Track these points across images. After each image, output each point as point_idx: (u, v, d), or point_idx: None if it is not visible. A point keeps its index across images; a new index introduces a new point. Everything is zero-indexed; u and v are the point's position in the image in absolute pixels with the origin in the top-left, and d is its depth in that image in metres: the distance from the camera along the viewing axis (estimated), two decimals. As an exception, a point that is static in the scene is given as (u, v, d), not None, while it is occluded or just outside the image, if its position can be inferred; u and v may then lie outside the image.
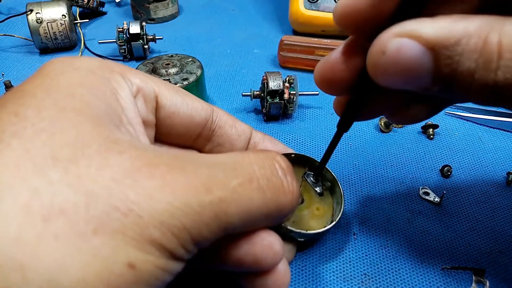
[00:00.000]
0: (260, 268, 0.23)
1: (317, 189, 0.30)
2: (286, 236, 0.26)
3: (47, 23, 0.54)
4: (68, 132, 0.18)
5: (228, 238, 0.22)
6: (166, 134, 0.26)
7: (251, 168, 0.20)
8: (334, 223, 0.28)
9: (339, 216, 0.28)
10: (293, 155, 0.30)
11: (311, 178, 0.30)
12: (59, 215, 0.15)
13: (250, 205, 0.20)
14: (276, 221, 0.22)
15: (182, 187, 0.18)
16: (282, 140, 0.42)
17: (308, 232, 0.27)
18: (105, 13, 0.68)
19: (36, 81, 0.20)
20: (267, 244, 0.22)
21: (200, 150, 0.28)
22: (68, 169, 0.16)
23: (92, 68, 0.21)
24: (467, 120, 0.45)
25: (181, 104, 0.25)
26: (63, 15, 0.55)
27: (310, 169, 0.31)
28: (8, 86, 0.47)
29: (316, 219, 0.29)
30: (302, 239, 0.27)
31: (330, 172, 0.30)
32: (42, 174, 0.16)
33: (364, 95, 0.22)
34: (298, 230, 0.26)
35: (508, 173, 0.38)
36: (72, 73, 0.21)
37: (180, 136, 0.26)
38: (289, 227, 0.26)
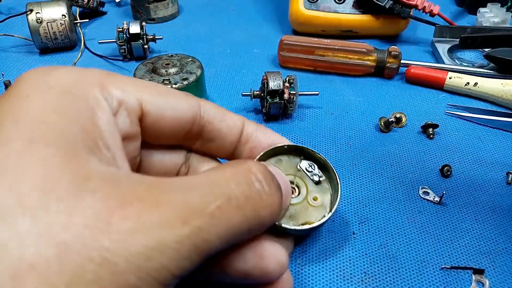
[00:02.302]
0: (267, 280, 0.23)
1: (314, 177, 0.29)
2: (282, 232, 0.26)
3: (47, 23, 0.54)
4: (36, 171, 0.16)
5: (234, 253, 0.22)
6: (153, 137, 0.25)
7: (228, 187, 0.20)
8: (330, 214, 0.27)
9: (336, 205, 0.28)
10: (286, 146, 0.29)
11: (306, 167, 0.29)
12: (29, 271, 0.14)
13: (230, 226, 0.19)
14: (260, 231, 0.22)
15: (157, 226, 0.17)
16: (282, 140, 0.42)
17: (303, 228, 0.26)
18: (105, 13, 0.68)
19: (5, 106, 0.19)
20: (273, 257, 0.23)
21: (190, 148, 0.28)
22: (37, 217, 0.15)
23: (67, 86, 0.20)
24: (467, 120, 0.45)
25: (166, 106, 0.24)
26: (63, 15, 0.55)
27: (304, 157, 0.30)
28: (8, 86, 0.47)
29: (314, 210, 0.28)
30: (299, 234, 0.27)
31: (325, 160, 0.29)
32: (9, 224, 0.15)
33: None
34: (293, 227, 0.26)
35: (508, 173, 0.38)
36: (45, 94, 0.19)
37: (168, 137, 0.25)
38: (283, 225, 0.26)
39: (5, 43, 0.59)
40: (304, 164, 0.29)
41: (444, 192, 0.36)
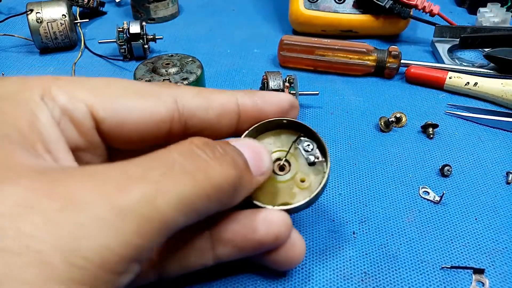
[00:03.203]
0: (280, 242, 0.24)
1: (310, 157, 0.27)
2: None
3: (47, 22, 0.54)
4: None
5: (244, 226, 0.23)
6: (121, 144, 0.23)
7: (170, 156, 0.19)
8: (307, 200, 0.25)
9: (317, 191, 0.26)
10: (285, 121, 0.27)
11: (304, 146, 0.27)
12: None
13: (181, 193, 0.17)
14: (229, 202, 0.21)
15: (89, 199, 0.15)
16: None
17: (278, 208, 0.25)
18: (105, 13, 0.68)
19: None
20: (280, 220, 0.24)
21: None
22: None
23: (8, 94, 0.19)
24: (467, 120, 0.45)
25: (126, 110, 0.21)
26: (63, 14, 0.55)
27: (304, 135, 0.28)
28: (8, 85, 0.47)
29: (299, 191, 0.26)
30: None
31: (324, 143, 0.27)
32: None
33: None
34: (265, 206, 0.25)
35: (508, 173, 0.38)
36: None
37: (141, 142, 0.23)
38: (254, 202, 0.24)
39: (5, 43, 0.59)
40: (303, 142, 0.27)
41: (444, 192, 0.36)
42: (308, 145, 0.27)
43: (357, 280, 0.30)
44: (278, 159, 0.27)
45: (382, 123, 0.44)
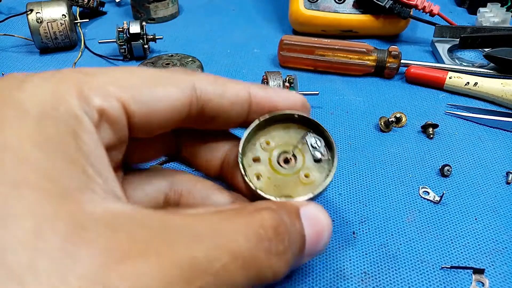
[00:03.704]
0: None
1: (316, 154, 0.27)
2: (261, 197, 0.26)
3: (47, 22, 0.54)
4: (24, 224, 0.14)
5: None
6: (143, 133, 0.23)
7: (236, 241, 0.18)
8: (310, 196, 0.25)
9: (320, 189, 0.26)
10: (296, 115, 0.27)
11: (312, 142, 0.27)
12: None
13: (231, 284, 0.18)
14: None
15: (159, 286, 0.15)
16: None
17: (280, 200, 0.25)
18: (105, 13, 0.68)
19: None
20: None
21: (191, 128, 0.26)
22: (24, 283, 0.13)
23: (43, 106, 0.18)
24: (467, 120, 0.45)
25: (154, 101, 0.22)
26: (63, 14, 0.55)
27: (313, 131, 0.28)
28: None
29: (302, 186, 0.26)
30: None
31: (333, 142, 0.27)
32: None
33: None
34: (270, 197, 0.25)
35: (508, 173, 0.38)
36: (22, 121, 0.17)
37: (161, 129, 0.23)
38: (258, 191, 0.25)
39: (5, 43, 0.59)
40: (311, 138, 0.28)
41: (444, 192, 0.36)
42: (316, 141, 0.27)
43: (357, 280, 0.30)
44: (285, 151, 0.27)
45: (382, 123, 0.44)
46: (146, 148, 0.27)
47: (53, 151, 0.17)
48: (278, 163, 0.27)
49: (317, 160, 0.27)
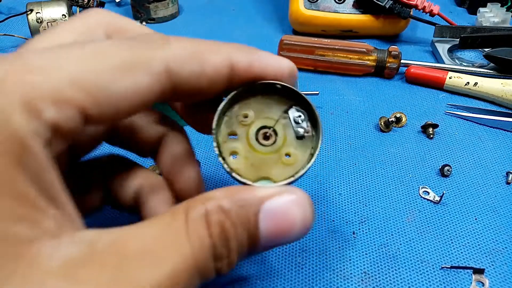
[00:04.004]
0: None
1: (299, 130, 0.24)
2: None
3: (47, 23, 0.54)
4: None
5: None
6: (108, 122, 0.21)
7: (179, 256, 0.18)
8: (289, 180, 0.22)
9: (301, 172, 0.23)
10: (279, 85, 0.24)
11: (295, 117, 0.24)
12: None
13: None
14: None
15: None
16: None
17: (254, 184, 0.23)
18: (105, 13, 0.68)
19: None
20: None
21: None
22: None
23: None
24: (467, 120, 0.45)
25: (117, 97, 0.18)
26: (63, 15, 0.55)
27: (297, 104, 0.25)
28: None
29: (282, 167, 0.23)
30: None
31: (318, 116, 0.24)
32: None
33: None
34: (243, 180, 0.23)
35: (508, 173, 0.38)
36: None
37: (129, 115, 0.21)
38: (233, 175, 0.23)
39: (5, 43, 0.59)
40: (293, 112, 0.24)
41: (444, 192, 0.36)
42: (300, 116, 0.24)
43: (357, 280, 0.30)
44: (265, 126, 0.24)
45: (382, 123, 0.44)
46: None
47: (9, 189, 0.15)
48: (257, 139, 0.24)
49: (300, 137, 0.24)
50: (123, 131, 0.27)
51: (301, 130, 0.24)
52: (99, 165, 0.28)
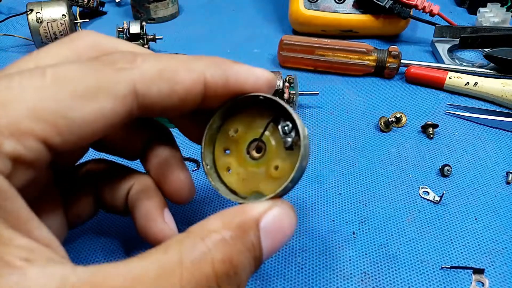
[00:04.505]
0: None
1: (288, 140, 0.23)
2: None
3: (47, 22, 0.54)
4: None
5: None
6: (72, 149, 0.20)
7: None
8: (275, 193, 0.21)
9: (283, 186, 0.21)
10: (262, 97, 0.23)
11: (282, 128, 0.23)
12: None
13: None
14: None
15: None
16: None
17: (242, 202, 0.22)
18: (105, 13, 0.68)
19: None
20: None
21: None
22: None
23: None
24: (467, 120, 0.45)
25: (81, 124, 0.18)
26: (63, 14, 0.55)
27: (283, 115, 0.23)
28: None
29: (271, 180, 0.23)
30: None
31: (304, 128, 0.23)
32: None
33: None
34: (233, 198, 0.23)
35: (508, 173, 0.38)
36: None
37: (90, 142, 0.20)
38: (222, 195, 0.23)
39: (5, 43, 0.59)
40: (282, 123, 0.23)
41: (444, 192, 0.36)
42: (287, 126, 0.23)
43: (357, 280, 0.30)
44: (254, 140, 0.24)
45: (382, 123, 0.44)
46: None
47: None
48: (249, 152, 0.24)
49: (289, 148, 0.23)
50: (109, 138, 0.26)
51: (289, 140, 0.23)
52: (88, 171, 0.28)
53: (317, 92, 0.46)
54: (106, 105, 0.18)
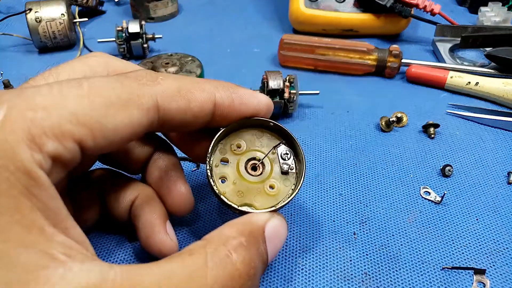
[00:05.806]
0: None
1: (284, 166, 0.27)
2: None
3: (46, 22, 0.54)
4: None
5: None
6: (101, 152, 0.22)
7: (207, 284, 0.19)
8: (269, 209, 0.25)
9: (280, 204, 0.26)
10: (271, 123, 0.27)
11: (282, 154, 0.28)
12: None
13: None
14: None
15: None
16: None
17: (241, 209, 0.25)
18: (104, 12, 0.68)
19: None
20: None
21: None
22: None
23: None
24: (468, 120, 0.45)
25: (112, 130, 0.20)
26: (62, 14, 0.54)
27: (286, 143, 0.28)
28: (6, 85, 0.47)
29: (265, 197, 0.26)
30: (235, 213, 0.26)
31: (303, 157, 0.27)
32: None
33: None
34: (230, 204, 0.25)
35: (509, 173, 0.38)
36: None
37: (120, 146, 0.23)
38: (221, 197, 0.25)
39: (4, 42, 0.59)
40: (282, 149, 0.28)
41: (445, 192, 0.36)
42: (286, 153, 0.28)
43: (358, 281, 0.30)
44: (254, 158, 0.27)
45: (383, 123, 0.43)
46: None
47: (7, 221, 0.16)
48: (246, 168, 0.27)
49: (284, 172, 0.27)
50: (116, 152, 0.28)
51: (285, 167, 0.27)
52: (93, 181, 0.29)
53: (318, 92, 0.46)
54: (134, 115, 0.21)
